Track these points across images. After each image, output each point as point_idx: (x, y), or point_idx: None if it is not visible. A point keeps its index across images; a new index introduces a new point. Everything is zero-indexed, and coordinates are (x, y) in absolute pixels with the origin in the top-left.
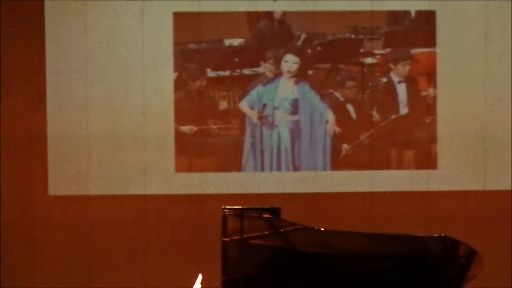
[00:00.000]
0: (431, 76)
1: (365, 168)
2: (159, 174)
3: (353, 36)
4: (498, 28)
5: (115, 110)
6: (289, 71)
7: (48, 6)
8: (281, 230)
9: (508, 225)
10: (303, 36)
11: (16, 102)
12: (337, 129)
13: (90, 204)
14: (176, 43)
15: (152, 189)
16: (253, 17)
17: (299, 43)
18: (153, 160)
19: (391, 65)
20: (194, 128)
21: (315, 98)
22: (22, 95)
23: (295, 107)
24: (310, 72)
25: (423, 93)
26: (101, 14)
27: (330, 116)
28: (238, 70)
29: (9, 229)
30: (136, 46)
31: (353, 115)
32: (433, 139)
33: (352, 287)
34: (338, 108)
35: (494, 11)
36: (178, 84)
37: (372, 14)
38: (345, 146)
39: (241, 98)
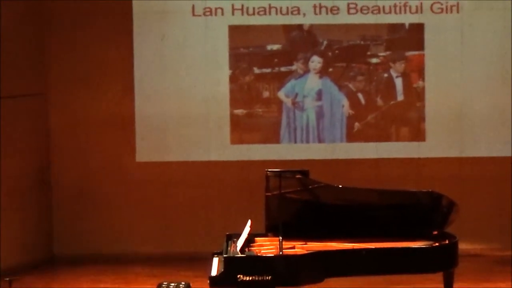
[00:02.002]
0: (420, 72)
1: (372, 140)
2: (218, 145)
3: (362, 42)
4: (471, 35)
5: (186, 97)
6: (314, 69)
7: (136, 19)
8: (310, 187)
9: (478, 182)
10: (325, 42)
11: (111, 91)
12: (351, 112)
13: (166, 168)
14: (231, 48)
15: (213, 157)
16: (288, 28)
17: (322, 47)
18: (214, 135)
19: (391, 64)
20: (244, 111)
21: (334, 88)
22: (115, 85)
23: (319, 95)
24: (330, 69)
25: (415, 85)
26: (174, 26)
27: (345, 102)
28: (276, 68)
29: (107, 187)
30: (200, 50)
31: (363, 101)
32: (422, 119)
33: (362, 229)
34: (351, 96)
35: (468, 23)
36: (232, 79)
37: (376, 26)
38: (356, 124)
39: (279, 89)
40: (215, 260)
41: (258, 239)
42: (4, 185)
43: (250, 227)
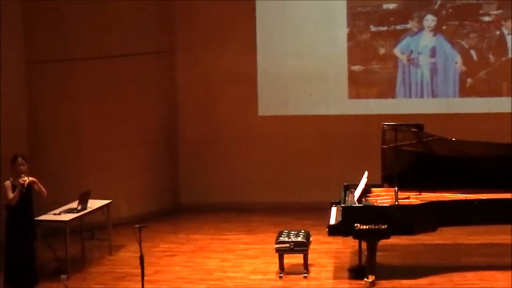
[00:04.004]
0: None
1: (483, 95)
2: (336, 100)
3: (474, 1)
4: None
5: (305, 54)
6: (429, 27)
7: None
8: (424, 140)
9: None
10: (439, 1)
11: (235, 48)
12: (463, 68)
13: (287, 122)
14: (349, 7)
15: (332, 111)
16: None
17: (436, 6)
18: (332, 90)
19: (502, 22)
20: (361, 67)
21: (447, 46)
22: (238, 43)
23: (433, 52)
24: (444, 27)
25: None
26: None
27: (458, 58)
28: (392, 26)
29: (230, 140)
30: (319, 9)
31: (475, 58)
32: None
33: (473, 180)
34: (464, 53)
35: None
36: (350, 36)
37: None
38: (469, 80)
39: (394, 46)
40: (334, 210)
41: (375, 190)
42: (134, 138)
43: (367, 178)
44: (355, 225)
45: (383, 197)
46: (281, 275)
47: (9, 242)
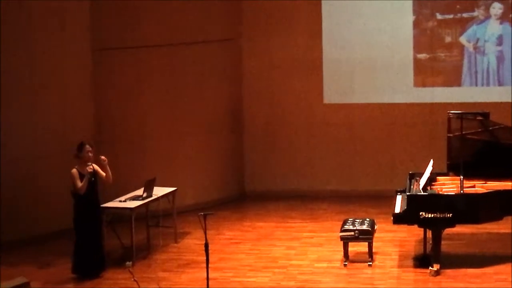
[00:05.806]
0: None
1: None
2: (402, 88)
3: None
4: None
5: (371, 42)
6: (495, 15)
7: None
8: (490, 128)
9: None
10: None
11: (301, 37)
12: None
13: (353, 110)
14: None
15: (397, 99)
16: None
17: None
18: (398, 78)
19: None
20: (427, 55)
21: None
22: (304, 31)
23: (500, 40)
24: (510, 15)
25: None
26: None
27: None
28: (459, 14)
29: (295, 128)
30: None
31: None
32: None
33: None
34: None
35: None
36: (416, 24)
37: None
38: None
39: (461, 34)
40: (399, 198)
41: (440, 178)
42: (200, 126)
43: (432, 166)
44: (420, 213)
45: (448, 185)
46: (346, 263)
47: (76, 229)
